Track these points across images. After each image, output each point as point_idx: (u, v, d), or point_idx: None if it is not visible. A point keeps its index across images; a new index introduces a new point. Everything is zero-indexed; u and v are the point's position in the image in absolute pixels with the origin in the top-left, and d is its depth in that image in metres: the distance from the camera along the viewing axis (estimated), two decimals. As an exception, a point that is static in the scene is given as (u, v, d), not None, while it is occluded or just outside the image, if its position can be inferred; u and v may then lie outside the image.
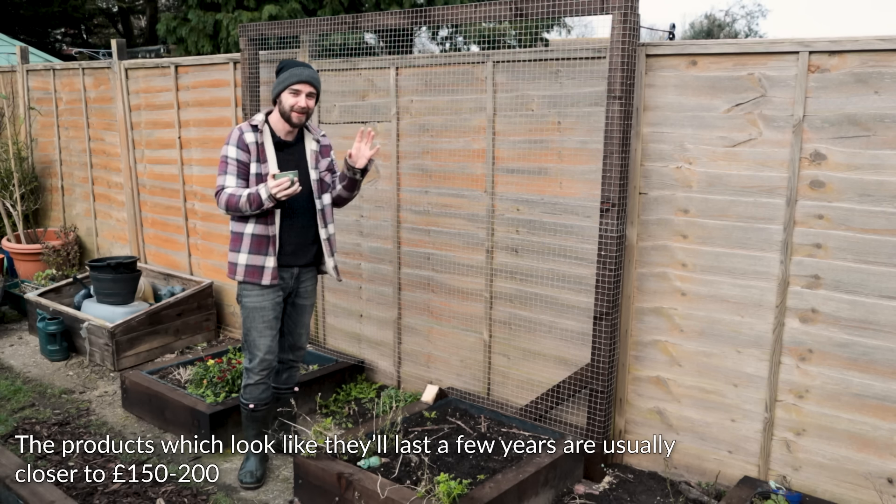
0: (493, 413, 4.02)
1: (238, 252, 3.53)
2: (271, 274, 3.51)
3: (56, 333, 5.35)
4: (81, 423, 4.39)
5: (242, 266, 3.52)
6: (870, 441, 3.19)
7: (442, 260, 4.39)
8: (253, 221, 3.48)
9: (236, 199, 3.39)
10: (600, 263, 3.52)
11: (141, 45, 19.41)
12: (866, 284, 3.12)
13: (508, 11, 3.63)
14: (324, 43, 4.85)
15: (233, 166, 3.45)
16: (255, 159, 3.48)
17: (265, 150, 3.50)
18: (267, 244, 3.50)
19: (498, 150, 4.04)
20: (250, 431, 3.74)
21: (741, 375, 3.47)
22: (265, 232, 3.49)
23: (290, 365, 3.89)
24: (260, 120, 3.54)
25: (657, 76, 3.49)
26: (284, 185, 3.29)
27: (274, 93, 3.49)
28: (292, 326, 3.79)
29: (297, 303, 3.75)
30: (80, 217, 7.25)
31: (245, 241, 3.51)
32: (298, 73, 3.45)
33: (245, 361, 3.67)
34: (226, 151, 3.48)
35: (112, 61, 6.34)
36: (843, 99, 3.07)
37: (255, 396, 3.66)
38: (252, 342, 3.61)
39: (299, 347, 3.86)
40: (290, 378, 3.93)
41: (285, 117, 3.49)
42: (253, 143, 3.47)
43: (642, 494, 3.60)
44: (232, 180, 3.45)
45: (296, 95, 3.44)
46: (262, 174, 3.48)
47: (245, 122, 3.55)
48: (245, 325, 3.61)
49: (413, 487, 3.20)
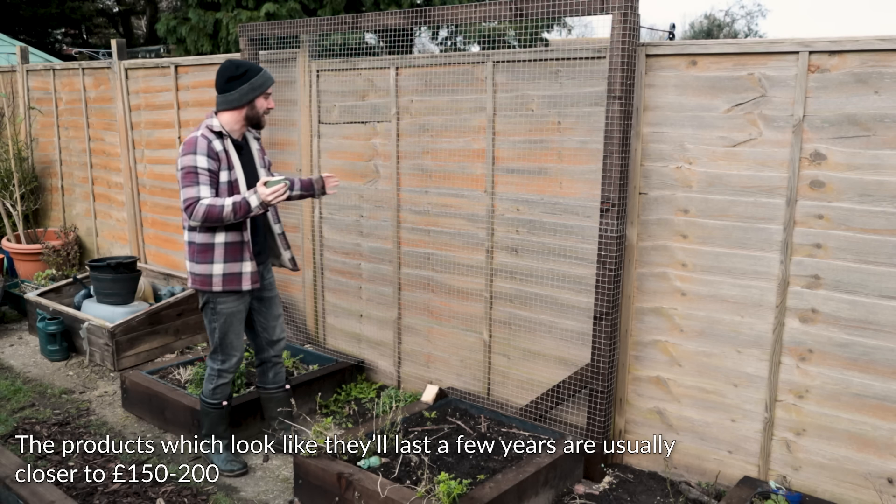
0: (493, 413, 4.02)
1: (211, 263, 3.47)
2: (251, 278, 3.52)
3: (56, 333, 5.35)
4: (81, 423, 4.39)
5: (219, 276, 3.48)
6: (870, 441, 3.19)
7: (442, 260, 4.39)
8: (224, 230, 3.45)
9: (218, 210, 3.32)
10: (600, 263, 3.52)
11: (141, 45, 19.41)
12: (866, 284, 3.12)
13: (508, 11, 3.63)
14: (324, 43, 4.85)
15: (204, 176, 3.37)
16: (224, 167, 3.45)
17: (230, 156, 3.49)
18: (242, 250, 3.50)
19: (498, 150, 4.04)
20: (220, 429, 3.83)
21: (741, 375, 3.47)
22: (239, 238, 3.48)
23: (275, 362, 3.91)
24: (218, 125, 3.49)
25: (657, 76, 3.49)
26: (279, 192, 3.30)
27: (247, 98, 3.47)
28: (264, 322, 3.81)
29: (264, 296, 3.79)
30: (80, 217, 7.25)
31: (218, 250, 3.47)
32: (269, 75, 3.57)
33: (216, 364, 3.70)
34: (193, 162, 3.37)
35: (112, 61, 6.34)
36: (843, 99, 3.07)
37: (227, 394, 3.79)
38: (229, 344, 3.65)
39: (277, 340, 3.88)
40: (278, 376, 3.94)
41: (254, 121, 3.56)
42: (221, 151, 3.45)
43: (642, 494, 3.60)
44: (206, 191, 3.37)
45: (267, 98, 3.55)
46: (233, 181, 3.46)
47: (205, 130, 3.46)
48: (221, 331, 3.61)
49: (413, 487, 3.21)
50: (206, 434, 3.83)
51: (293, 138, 5.00)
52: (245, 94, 3.47)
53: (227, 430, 3.85)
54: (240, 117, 3.52)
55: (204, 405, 3.78)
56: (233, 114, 3.51)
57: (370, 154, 4.59)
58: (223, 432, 3.84)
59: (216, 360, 3.70)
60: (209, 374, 3.73)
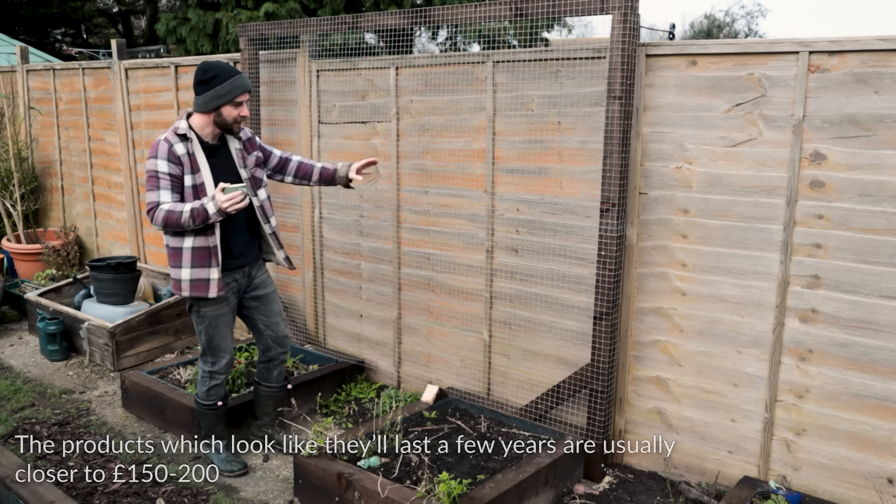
0: (493, 413, 4.02)
1: (180, 268, 3.44)
2: (217, 286, 3.44)
3: (56, 333, 5.35)
4: (81, 423, 4.39)
5: (187, 282, 3.44)
6: (870, 441, 3.19)
7: (442, 260, 4.39)
8: (192, 234, 3.39)
9: (177, 216, 3.28)
10: (600, 263, 3.52)
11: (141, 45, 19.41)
12: (866, 284, 3.12)
13: (508, 11, 3.63)
14: (324, 43, 4.85)
15: (165, 181, 3.33)
16: (188, 171, 3.37)
17: (197, 160, 3.40)
18: (209, 256, 3.41)
19: (498, 150, 4.04)
20: (217, 429, 3.83)
21: (741, 375, 3.47)
22: (206, 244, 3.40)
23: (281, 360, 3.89)
24: (185, 127, 3.41)
25: (657, 76, 3.49)
26: (237, 199, 3.22)
27: (212, 105, 3.36)
28: (266, 320, 3.77)
29: (260, 294, 3.74)
30: (80, 217, 7.24)
31: (185, 255, 3.41)
32: (242, 83, 3.37)
33: (206, 366, 3.69)
34: (154, 166, 3.33)
35: (112, 61, 6.34)
36: (843, 99, 3.07)
37: (221, 394, 3.78)
38: (217, 346, 3.64)
39: (282, 337, 3.83)
40: (281, 374, 3.93)
41: (226, 128, 3.44)
42: (184, 155, 3.36)
43: (642, 494, 3.60)
44: (167, 195, 3.33)
45: (237, 107, 3.40)
46: (198, 185, 3.39)
47: (170, 132, 3.40)
48: (207, 333, 3.59)
49: (413, 487, 3.21)
50: (204, 435, 3.84)
51: (293, 138, 5.00)
52: (209, 101, 3.36)
53: (225, 430, 3.85)
54: (209, 121, 3.43)
55: (200, 407, 3.77)
56: (202, 117, 3.43)
57: (370, 154, 4.59)
58: (221, 432, 3.83)
59: (206, 363, 3.69)
60: (202, 377, 3.73)
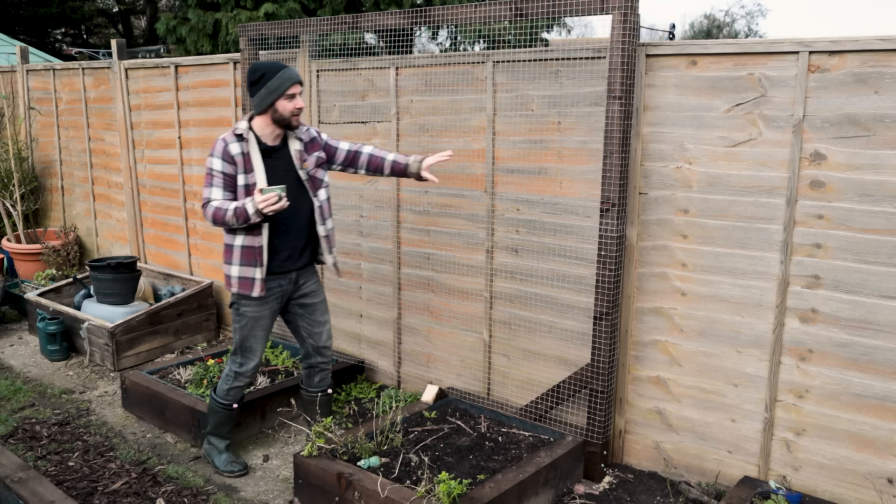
0: (493, 413, 4.02)
1: (231, 264, 3.50)
2: (260, 286, 3.48)
3: (56, 333, 5.35)
4: (81, 423, 4.39)
5: (235, 278, 3.50)
6: (870, 441, 3.19)
7: (442, 260, 4.39)
8: (242, 233, 3.44)
9: (222, 213, 3.34)
10: (600, 263, 3.52)
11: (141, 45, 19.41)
12: (866, 284, 3.12)
13: (508, 11, 3.63)
14: (324, 43, 4.85)
15: (218, 179, 3.40)
16: (241, 170, 3.41)
17: (251, 160, 3.43)
18: (255, 256, 3.45)
19: (498, 150, 4.04)
20: (225, 429, 3.83)
21: (741, 375, 3.47)
22: (253, 243, 3.44)
23: (321, 368, 3.87)
24: (244, 128, 3.45)
25: (657, 76, 3.49)
26: (272, 201, 3.24)
27: (266, 103, 3.38)
28: (309, 328, 3.76)
29: (306, 303, 3.72)
30: (80, 217, 7.25)
31: (235, 252, 3.47)
32: (291, 75, 3.39)
33: (234, 366, 3.68)
34: (210, 164, 3.41)
35: (112, 61, 6.34)
36: (843, 99, 3.07)
37: (238, 397, 3.77)
38: (248, 349, 3.63)
39: (324, 347, 3.82)
40: (323, 381, 3.90)
41: (283, 123, 3.45)
42: (238, 154, 3.41)
43: (642, 494, 3.60)
44: (218, 193, 3.40)
45: (292, 99, 3.41)
46: (250, 185, 3.42)
47: (229, 132, 3.45)
48: (242, 333, 3.60)
49: (413, 487, 3.21)
50: (210, 432, 3.83)
51: (293, 138, 5.00)
52: (263, 99, 3.39)
53: (230, 431, 3.85)
54: (268, 121, 3.45)
55: (214, 403, 3.76)
56: (261, 118, 3.46)
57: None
58: (227, 433, 3.83)
59: (235, 362, 3.68)
60: (226, 374, 3.71)
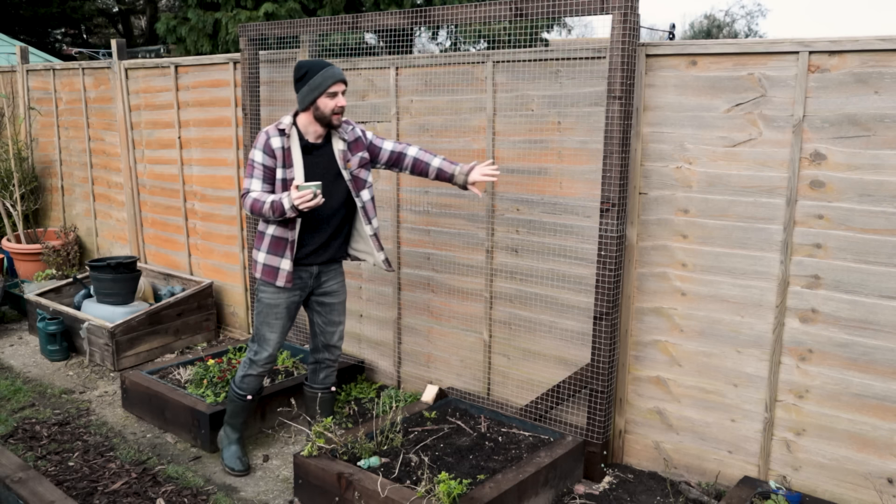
0: (493, 413, 4.02)
1: (259, 251, 3.57)
2: (286, 277, 3.52)
3: (56, 333, 5.35)
4: (81, 423, 4.39)
5: (261, 264, 3.56)
6: (870, 441, 3.19)
7: (442, 260, 4.39)
8: (275, 224, 3.50)
9: (259, 205, 3.39)
10: (600, 263, 3.52)
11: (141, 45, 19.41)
12: (866, 284, 3.12)
13: (508, 11, 3.63)
14: (324, 43, 4.85)
15: (258, 170, 3.45)
16: (280, 165, 3.45)
17: (292, 155, 3.47)
18: (284, 247, 3.50)
19: (498, 149, 4.04)
20: (238, 420, 3.83)
21: (741, 375, 3.47)
22: (284, 235, 3.49)
23: (327, 364, 3.88)
24: (287, 123, 3.48)
25: (657, 76, 3.49)
26: (307, 198, 3.26)
27: (308, 100, 3.41)
28: (323, 325, 3.78)
29: (325, 301, 3.74)
30: (80, 217, 7.25)
31: (266, 240, 3.53)
32: (333, 73, 3.40)
33: (250, 353, 3.71)
34: (252, 155, 3.48)
35: (112, 61, 6.34)
36: (843, 99, 3.07)
37: (252, 387, 3.76)
38: (262, 336, 3.66)
39: (332, 346, 3.83)
40: (328, 378, 3.92)
41: (325, 122, 3.46)
42: (279, 149, 3.44)
43: (642, 494, 3.60)
44: (257, 184, 3.45)
45: (334, 97, 3.41)
46: (288, 179, 3.45)
47: (273, 126, 3.49)
48: (258, 319, 3.65)
49: (413, 487, 3.21)
50: (226, 420, 3.87)
51: (293, 138, 5.00)
52: (306, 96, 3.41)
53: (243, 424, 3.86)
54: (311, 118, 3.48)
55: (231, 391, 3.79)
56: (305, 115, 3.49)
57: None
58: (241, 424, 3.85)
59: (251, 349, 3.71)
60: (244, 362, 3.75)
